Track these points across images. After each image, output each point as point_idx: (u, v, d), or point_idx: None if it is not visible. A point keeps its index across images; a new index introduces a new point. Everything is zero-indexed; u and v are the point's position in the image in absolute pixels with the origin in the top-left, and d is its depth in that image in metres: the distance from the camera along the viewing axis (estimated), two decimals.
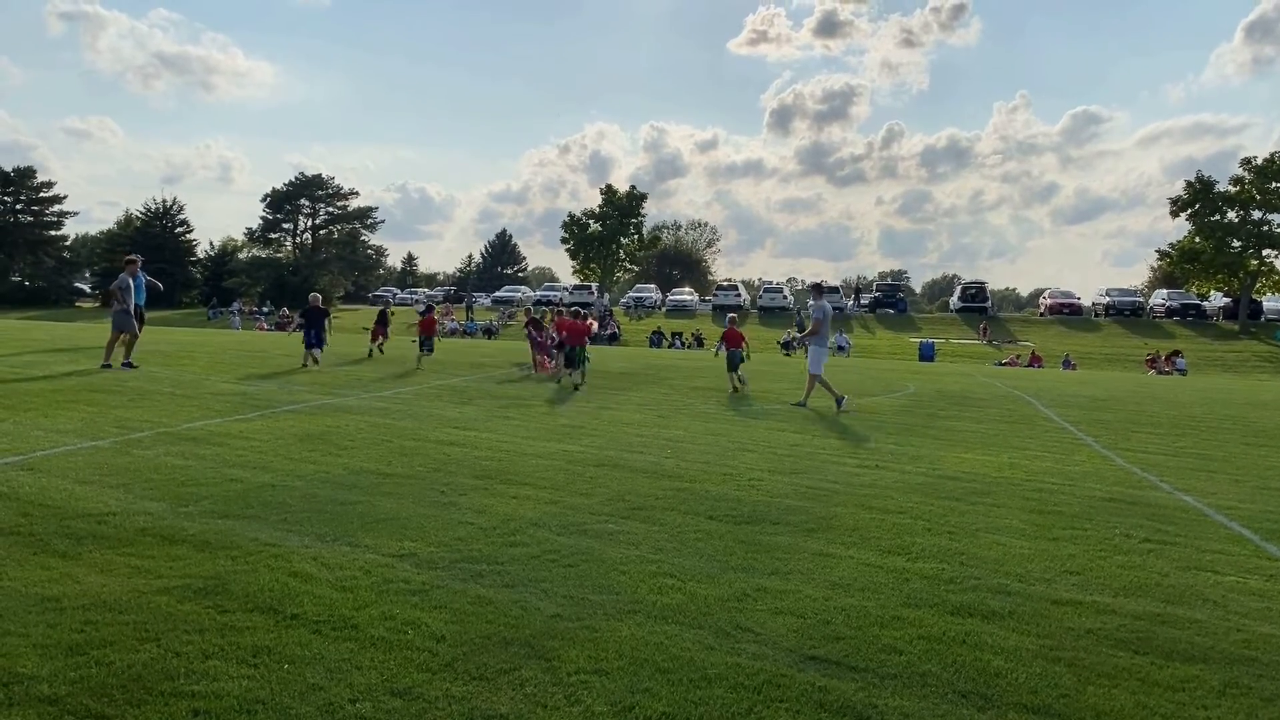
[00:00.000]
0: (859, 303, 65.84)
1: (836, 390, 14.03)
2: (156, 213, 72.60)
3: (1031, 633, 4.36)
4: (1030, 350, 41.68)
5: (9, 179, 70.48)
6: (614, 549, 5.49)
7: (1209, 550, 6.11)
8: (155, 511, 5.93)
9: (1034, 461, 9.53)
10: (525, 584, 4.74)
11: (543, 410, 12.30)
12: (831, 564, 5.37)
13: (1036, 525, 6.62)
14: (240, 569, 4.79)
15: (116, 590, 4.39)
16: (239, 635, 3.91)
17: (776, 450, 9.56)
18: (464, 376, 17.20)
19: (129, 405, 10.76)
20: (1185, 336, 49.05)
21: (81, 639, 3.80)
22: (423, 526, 5.83)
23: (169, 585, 4.50)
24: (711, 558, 5.41)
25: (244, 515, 5.94)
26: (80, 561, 4.81)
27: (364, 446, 8.71)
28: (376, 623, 4.11)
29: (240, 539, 5.35)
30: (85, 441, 8.30)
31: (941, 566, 5.42)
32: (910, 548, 5.82)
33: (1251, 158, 53.43)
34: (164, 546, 5.16)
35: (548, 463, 8.29)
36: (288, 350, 22.62)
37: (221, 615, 4.13)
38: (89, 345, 21.27)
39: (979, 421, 13.07)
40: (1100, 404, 16.83)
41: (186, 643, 3.80)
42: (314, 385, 13.99)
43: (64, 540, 5.18)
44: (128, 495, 6.33)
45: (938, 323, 58.63)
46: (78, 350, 19.32)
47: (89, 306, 70.00)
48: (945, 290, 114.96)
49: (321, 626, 4.04)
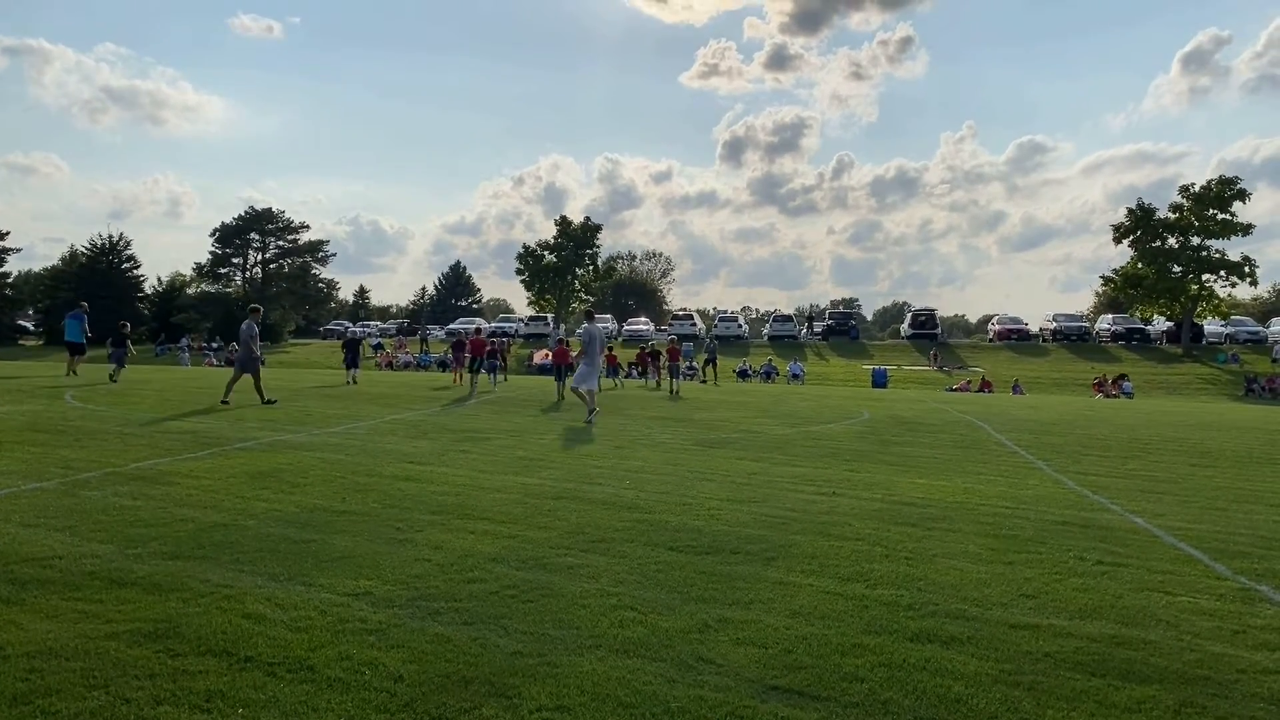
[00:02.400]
0: (812, 330, 66.46)
1: (593, 402, 16.05)
2: (102, 249, 71.26)
3: (991, 657, 4.39)
4: (980, 376, 42.29)
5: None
6: (574, 583, 5.45)
7: (1161, 571, 6.21)
8: (103, 554, 5.78)
9: (988, 486, 9.64)
10: (484, 621, 4.68)
11: (500, 443, 12.21)
12: (792, 593, 5.38)
13: (992, 550, 6.68)
14: (192, 611, 4.68)
15: (63, 636, 4.27)
16: (191, 680, 3.81)
17: (734, 479, 9.58)
18: (419, 410, 17.05)
19: (75, 445, 10.51)
20: (1131, 360, 50.11)
21: (26, 687, 3.69)
22: (378, 564, 5.75)
23: (118, 630, 4.38)
24: (672, 589, 5.39)
25: (195, 556, 5.81)
26: (25, 607, 4.68)
27: (317, 484, 8.58)
28: (333, 663, 4.03)
29: (191, 580, 5.24)
30: (30, 483, 8.09)
31: (900, 593, 5.45)
32: (869, 574, 5.85)
33: (1190, 185, 55.09)
34: (112, 590, 5.03)
35: (505, 496, 8.22)
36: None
37: (173, 659, 4.03)
38: (32, 384, 20.78)
39: (932, 447, 13.20)
40: (1050, 428, 17.10)
41: (137, 689, 3.71)
42: (265, 422, 13.78)
43: (7, 586, 5.03)
44: (74, 538, 6.17)
45: (889, 349, 59.31)
46: (20, 390, 18.84)
47: (32, 344, 68.43)
48: (896, 317, 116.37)
49: (276, 669, 3.96)
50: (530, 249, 68.99)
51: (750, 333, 69.30)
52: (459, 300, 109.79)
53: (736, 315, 69.68)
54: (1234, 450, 14.09)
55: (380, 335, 67.63)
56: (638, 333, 62.35)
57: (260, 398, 17.27)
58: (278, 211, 76.60)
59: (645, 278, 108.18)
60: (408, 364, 49.96)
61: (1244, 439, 16.11)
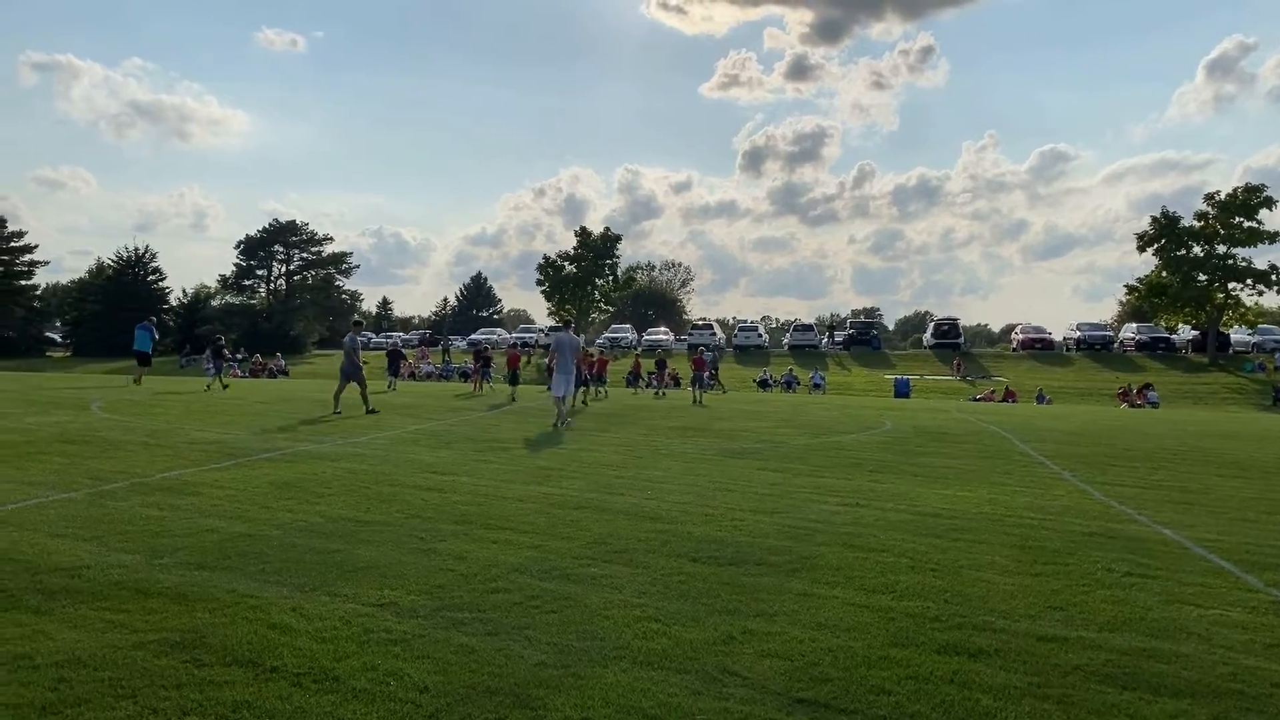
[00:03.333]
0: (833, 340, 66.21)
1: (565, 410, 16.68)
2: (128, 261, 71.93)
3: (1019, 670, 4.34)
4: (1004, 385, 41.97)
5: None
6: (597, 594, 5.44)
7: (1191, 583, 6.13)
8: (129, 564, 5.83)
9: (1013, 497, 9.56)
10: (508, 631, 4.68)
11: (521, 453, 12.23)
12: (817, 604, 5.35)
13: (1019, 561, 6.62)
14: (218, 621, 4.70)
15: (91, 646, 4.30)
16: (218, 690, 3.83)
17: (756, 490, 9.54)
18: (441, 420, 17.09)
19: (102, 456, 10.60)
20: (1156, 370, 49.58)
21: (55, 697, 3.72)
22: (403, 574, 5.76)
23: (145, 639, 4.41)
24: (696, 600, 5.37)
25: (220, 566, 5.85)
26: (53, 617, 4.72)
27: (340, 494, 8.61)
28: (358, 674, 4.04)
29: (217, 590, 5.27)
30: (58, 493, 8.17)
31: (926, 605, 5.41)
32: (895, 586, 5.81)
33: (1215, 193, 54.48)
34: (139, 599, 5.06)
35: (528, 506, 8.22)
36: (263, 397, 22.46)
37: (199, 669, 4.05)
38: (60, 396, 20.99)
39: (956, 457, 13.11)
40: (1075, 438, 16.94)
41: (164, 699, 3.72)
42: (289, 433, 13.85)
43: (36, 595, 5.08)
44: (101, 548, 6.22)
45: (911, 359, 58.97)
46: (51, 402, 19.03)
47: (59, 356, 69.13)
48: (918, 327, 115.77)
49: (302, 679, 3.97)
50: (550, 260, 69.21)
51: (770, 342, 69.14)
52: (480, 311, 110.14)
53: (756, 325, 69.43)
54: (1264, 460, 13.91)
55: (403, 345, 67.73)
56: (657, 342, 62.32)
57: (366, 406, 17.99)
58: (301, 224, 77.20)
59: (665, 288, 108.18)
60: (430, 374, 50.12)
61: (1274, 449, 15.91)
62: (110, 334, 65.66)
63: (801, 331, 63.59)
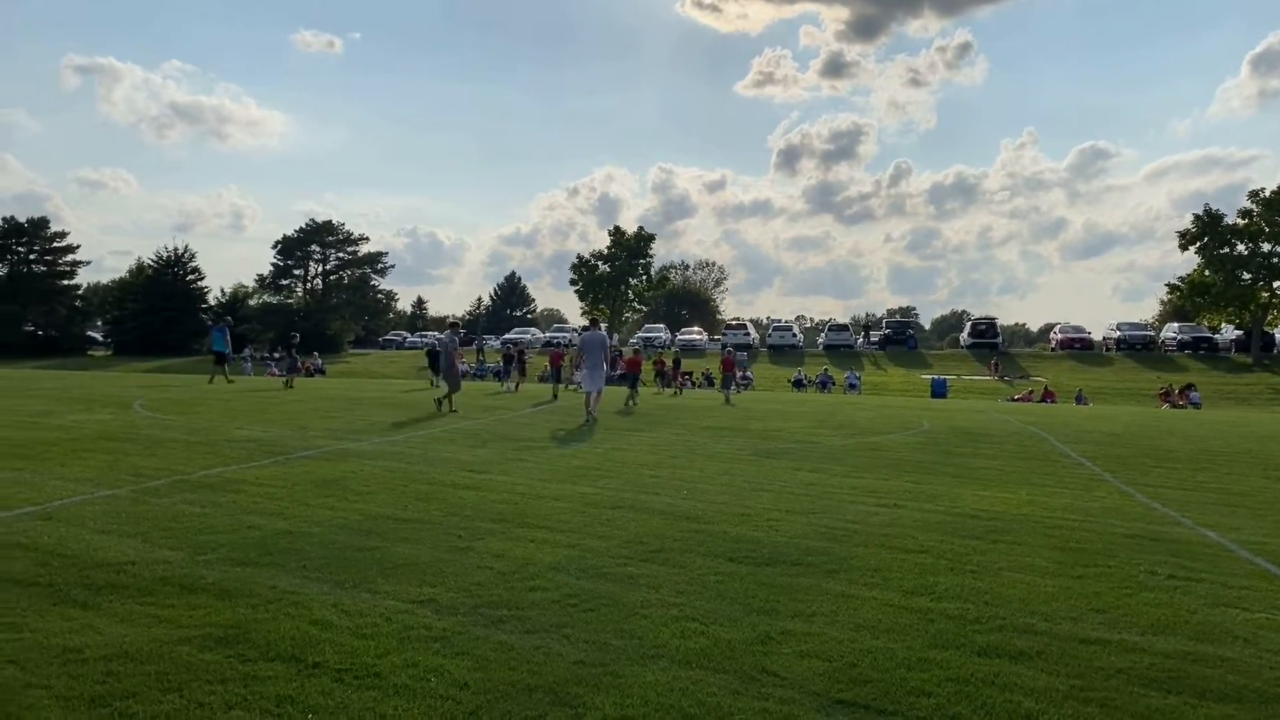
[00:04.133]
0: (869, 339, 65.78)
1: (594, 406, 17.68)
2: (168, 260, 72.97)
3: (1061, 673, 4.30)
4: (1043, 386, 41.49)
5: (23, 230, 71.20)
6: (635, 593, 5.45)
7: (1235, 586, 6.04)
8: (173, 560, 5.92)
9: (1053, 498, 9.46)
10: (547, 630, 4.70)
11: (557, 452, 12.27)
12: (855, 605, 5.32)
13: (1059, 563, 6.55)
14: (260, 617, 4.77)
15: (138, 640, 4.37)
16: (261, 685, 3.88)
17: (792, 490, 9.51)
18: (477, 419, 17.19)
19: (144, 453, 10.77)
20: (1198, 370, 48.79)
21: (104, 690, 3.78)
22: (441, 572, 5.81)
23: (190, 635, 4.48)
24: (733, 600, 5.36)
25: (262, 563, 5.92)
26: (100, 611, 4.80)
27: (379, 491, 8.69)
28: (399, 670, 4.08)
29: (259, 587, 5.33)
30: (102, 490, 8.30)
31: (966, 606, 5.36)
32: (934, 588, 5.77)
33: (1259, 190, 53.57)
34: (183, 595, 5.14)
35: (564, 505, 8.25)
36: (300, 396, 22.72)
37: (243, 664, 4.11)
38: (103, 394, 21.34)
39: (995, 458, 12.98)
40: (1117, 439, 16.71)
41: (209, 693, 3.78)
42: (327, 431, 13.99)
43: (83, 590, 5.17)
44: (145, 544, 6.32)
45: (948, 359, 58.44)
46: (93, 399, 19.36)
47: (101, 355, 70.31)
48: (955, 326, 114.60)
49: (344, 675, 4.01)
50: (585, 259, 69.37)
51: (805, 342, 68.86)
52: (514, 310, 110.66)
53: (790, 324, 69.15)
54: None
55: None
56: (690, 342, 62.23)
57: (448, 405, 18.68)
58: (338, 224, 78.02)
59: (698, 287, 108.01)
60: (464, 373, 50.42)
61: None
62: (150, 333, 66.79)
63: (836, 331, 63.25)
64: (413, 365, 52.63)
